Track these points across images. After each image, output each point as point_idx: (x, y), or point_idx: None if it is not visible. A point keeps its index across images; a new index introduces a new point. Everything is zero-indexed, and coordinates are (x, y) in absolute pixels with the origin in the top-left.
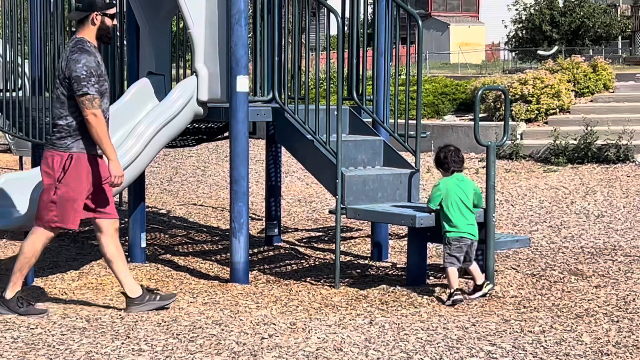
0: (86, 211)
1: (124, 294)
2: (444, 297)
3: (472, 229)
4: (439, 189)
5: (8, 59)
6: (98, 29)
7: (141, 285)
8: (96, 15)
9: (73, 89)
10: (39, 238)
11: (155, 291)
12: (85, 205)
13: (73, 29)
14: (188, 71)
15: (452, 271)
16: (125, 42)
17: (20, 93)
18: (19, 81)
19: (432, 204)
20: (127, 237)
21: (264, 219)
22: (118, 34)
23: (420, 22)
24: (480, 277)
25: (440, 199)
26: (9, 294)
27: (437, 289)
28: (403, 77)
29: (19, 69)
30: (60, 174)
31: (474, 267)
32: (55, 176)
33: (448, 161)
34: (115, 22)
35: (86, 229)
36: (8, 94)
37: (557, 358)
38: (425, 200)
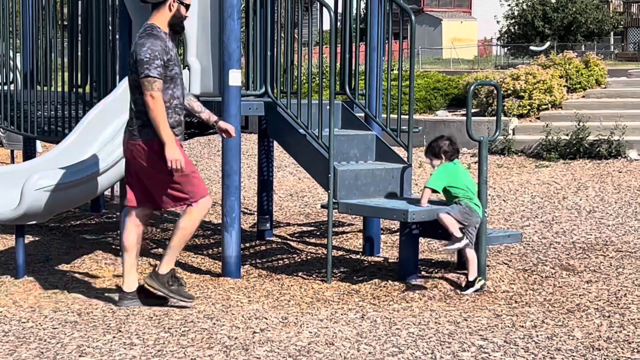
0: (143, 195)
1: (120, 287)
2: (435, 292)
3: (480, 209)
4: (443, 171)
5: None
6: (172, 16)
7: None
8: (174, 1)
9: (137, 72)
10: (197, 214)
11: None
12: (145, 190)
13: (65, 23)
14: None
15: (448, 218)
16: (117, 36)
17: (11, 87)
18: (11, 75)
19: (436, 184)
20: (119, 231)
21: (256, 213)
22: (110, 28)
23: (412, 17)
24: (473, 273)
25: (445, 180)
26: (164, 269)
27: (429, 284)
28: (395, 72)
29: (11, 62)
30: (150, 160)
31: (472, 258)
32: (146, 164)
33: (451, 149)
34: (187, 14)
35: (77, 223)
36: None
37: (548, 353)
38: (418, 195)
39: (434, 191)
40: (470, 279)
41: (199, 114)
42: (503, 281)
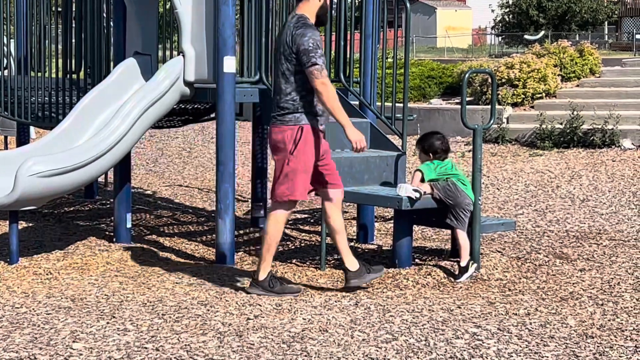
0: (314, 183)
1: (345, 268)
2: (429, 279)
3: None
4: (433, 165)
5: None
6: (321, 7)
7: (358, 260)
8: None
9: (302, 61)
10: (279, 217)
11: (368, 266)
12: (312, 178)
13: (59, 10)
14: (175, 52)
15: (423, 184)
16: (111, 22)
17: (5, 72)
18: (4, 61)
19: (427, 173)
20: (112, 218)
21: (249, 200)
22: (105, 14)
23: (407, 5)
24: (465, 258)
25: (435, 174)
26: (262, 275)
27: (422, 272)
28: (390, 60)
29: (4, 48)
30: (292, 147)
31: (464, 244)
32: (288, 149)
33: (441, 149)
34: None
35: (71, 209)
36: None
37: (542, 340)
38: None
39: (422, 180)
40: (463, 264)
41: None
42: (497, 269)
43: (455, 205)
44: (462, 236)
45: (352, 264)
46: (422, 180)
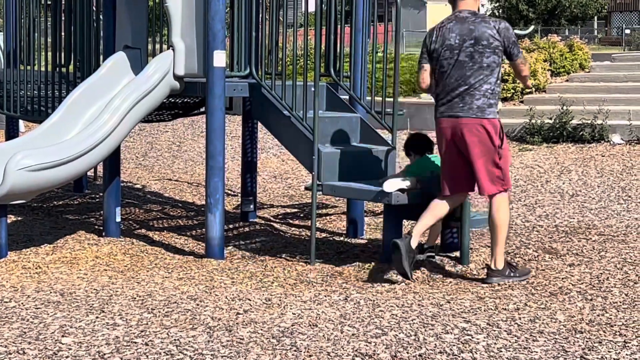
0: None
1: (487, 265)
2: (418, 274)
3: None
4: (416, 166)
5: None
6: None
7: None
8: None
9: (512, 54)
10: (504, 205)
11: (515, 265)
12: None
13: (49, 3)
14: (164, 46)
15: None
16: (101, 16)
17: None
18: None
19: (411, 171)
20: (102, 212)
21: (239, 195)
22: (94, 7)
23: (398, 0)
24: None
25: (418, 173)
26: (501, 263)
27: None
28: (380, 54)
29: None
30: (498, 141)
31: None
32: (496, 143)
33: (419, 145)
34: None
35: (60, 203)
36: None
37: (531, 335)
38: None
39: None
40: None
41: None
42: (486, 264)
43: (429, 185)
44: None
45: (500, 262)
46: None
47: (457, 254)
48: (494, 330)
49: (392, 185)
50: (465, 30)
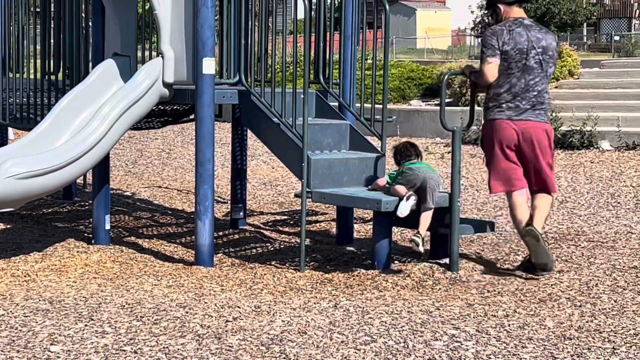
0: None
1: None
2: (408, 281)
3: (427, 165)
4: (398, 174)
5: None
6: None
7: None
8: None
9: (555, 63)
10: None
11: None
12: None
13: (37, 10)
14: (154, 53)
15: (399, 188)
16: (90, 23)
17: None
18: None
19: (391, 177)
20: (91, 219)
21: (229, 202)
22: (83, 15)
23: (387, 7)
24: (422, 229)
25: (394, 178)
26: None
27: (401, 273)
28: (369, 61)
29: None
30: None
31: (424, 218)
32: (552, 146)
33: (403, 155)
34: None
35: (49, 210)
36: None
37: (520, 342)
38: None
39: (389, 183)
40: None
41: None
42: (475, 271)
43: (416, 186)
44: (425, 213)
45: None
46: (389, 183)
47: (447, 260)
48: (483, 337)
49: (404, 209)
50: (534, 38)
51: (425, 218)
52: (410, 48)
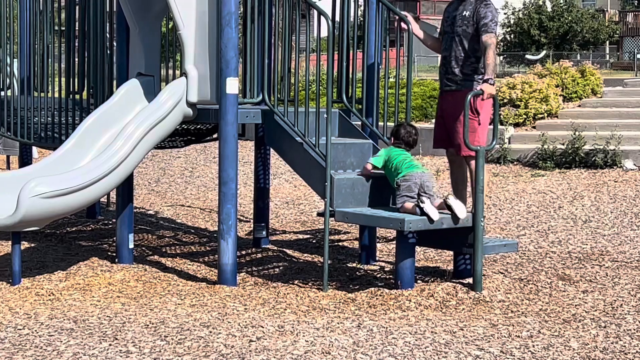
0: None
1: None
2: (431, 301)
3: (416, 166)
4: (385, 153)
5: None
6: None
7: None
8: None
9: None
10: None
11: None
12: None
13: (62, 29)
14: (177, 72)
15: (407, 205)
16: (114, 42)
17: (8, 92)
18: (7, 80)
19: (375, 161)
20: (115, 238)
21: (251, 221)
22: (108, 34)
23: (410, 26)
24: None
25: (383, 160)
26: None
27: (425, 293)
28: (392, 80)
29: (7, 68)
30: None
31: (453, 201)
32: None
33: (403, 139)
34: None
35: (73, 229)
36: None
37: None
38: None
39: (374, 167)
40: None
41: None
42: (499, 290)
43: (421, 191)
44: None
45: None
46: (374, 169)
47: (470, 280)
48: (508, 358)
49: (431, 212)
50: None
51: (456, 203)
52: (432, 66)
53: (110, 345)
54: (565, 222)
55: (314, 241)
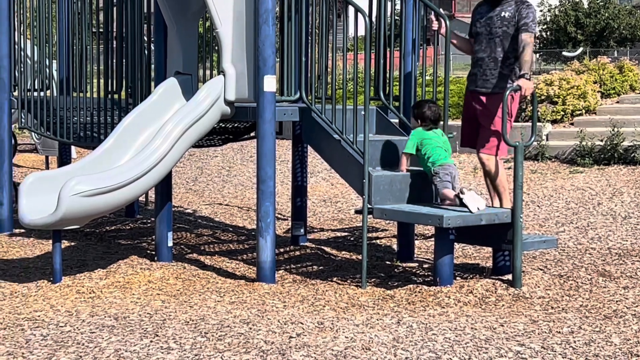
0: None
1: None
2: (471, 297)
3: (449, 159)
4: (414, 136)
5: (36, 59)
6: None
7: None
8: None
9: None
10: None
11: None
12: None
13: (100, 30)
14: (215, 71)
15: (447, 192)
16: (152, 42)
17: (47, 93)
18: (46, 81)
19: (408, 148)
20: (154, 237)
21: (289, 219)
22: (145, 34)
23: (447, 22)
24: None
25: (415, 145)
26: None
27: (464, 289)
28: (429, 77)
29: (47, 69)
30: None
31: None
32: None
33: (429, 118)
34: None
35: (112, 228)
36: (36, 93)
37: (586, 359)
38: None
39: (410, 155)
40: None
41: None
42: (539, 287)
43: (455, 181)
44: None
45: None
46: (410, 157)
47: (509, 276)
48: (549, 354)
49: (476, 201)
50: None
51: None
52: (467, 64)
53: (151, 342)
54: (604, 219)
55: (351, 239)
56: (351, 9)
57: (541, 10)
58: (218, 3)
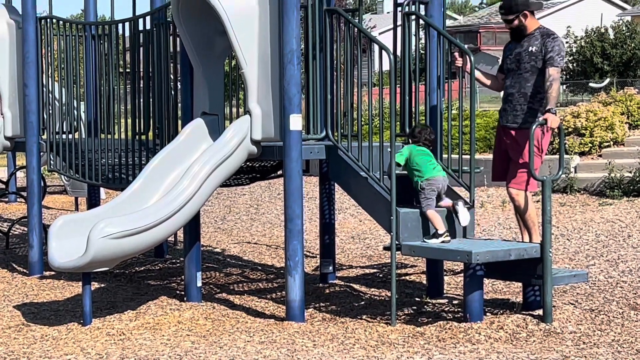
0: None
1: None
2: (501, 333)
3: (438, 171)
4: (405, 150)
5: (64, 101)
6: None
7: None
8: None
9: None
10: None
11: None
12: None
13: (127, 70)
14: (241, 110)
15: (432, 213)
16: (179, 83)
17: (76, 135)
18: (75, 123)
19: (398, 159)
20: (183, 277)
21: (318, 256)
22: (172, 75)
23: (471, 57)
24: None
25: (405, 158)
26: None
27: (494, 325)
28: (455, 111)
29: (75, 111)
30: None
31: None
32: None
33: (418, 137)
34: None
35: (142, 268)
36: (64, 135)
37: None
38: (482, 235)
39: (397, 165)
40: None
41: None
42: (570, 322)
43: (441, 193)
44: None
45: None
46: (397, 166)
47: (540, 311)
48: None
49: (465, 216)
50: None
51: (433, 215)
52: (494, 97)
53: None
54: (635, 251)
55: (380, 275)
56: (376, 46)
57: (567, 42)
58: (244, 44)
